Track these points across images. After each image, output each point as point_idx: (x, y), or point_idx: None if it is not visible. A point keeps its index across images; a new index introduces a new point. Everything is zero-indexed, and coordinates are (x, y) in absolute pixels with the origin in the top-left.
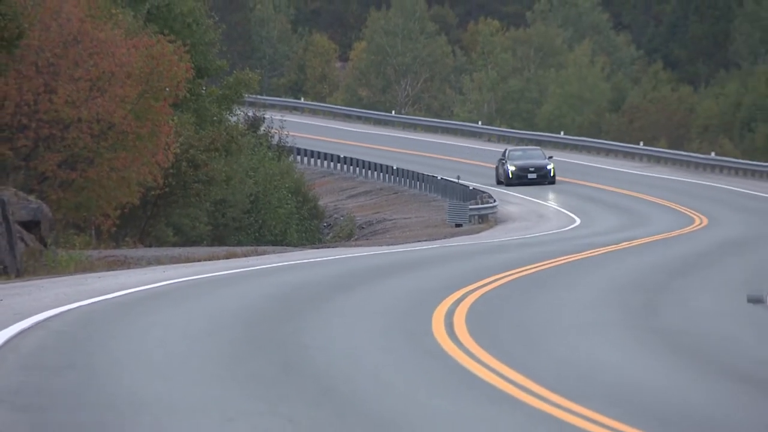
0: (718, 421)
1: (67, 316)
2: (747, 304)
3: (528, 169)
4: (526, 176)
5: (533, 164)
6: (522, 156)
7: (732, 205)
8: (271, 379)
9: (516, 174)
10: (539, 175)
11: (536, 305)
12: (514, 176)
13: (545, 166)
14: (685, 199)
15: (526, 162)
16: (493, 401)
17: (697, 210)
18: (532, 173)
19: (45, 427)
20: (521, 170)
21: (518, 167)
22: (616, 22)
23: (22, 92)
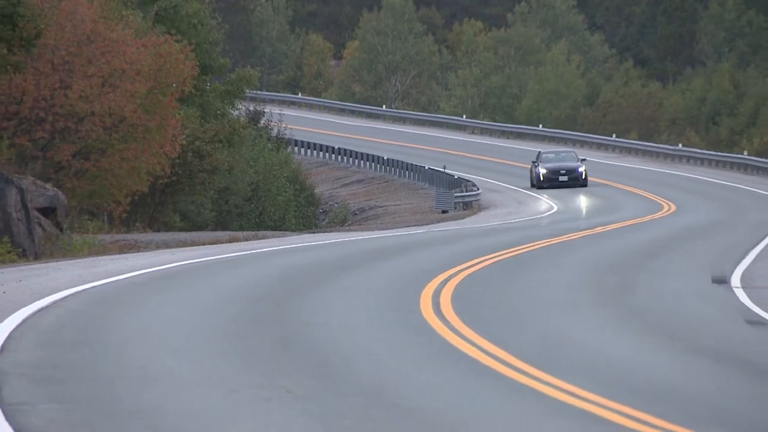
0: (681, 390)
1: (81, 296)
2: (711, 285)
3: (559, 172)
4: (557, 179)
5: (564, 167)
6: (554, 158)
7: (698, 193)
8: (271, 353)
9: (547, 177)
10: (570, 178)
11: (517, 286)
12: (545, 179)
13: (576, 168)
14: (655, 187)
15: (558, 165)
16: (476, 374)
17: (666, 197)
18: (563, 176)
19: (62, 398)
20: (552, 173)
21: (549, 170)
22: (590, 23)
23: (40, 88)
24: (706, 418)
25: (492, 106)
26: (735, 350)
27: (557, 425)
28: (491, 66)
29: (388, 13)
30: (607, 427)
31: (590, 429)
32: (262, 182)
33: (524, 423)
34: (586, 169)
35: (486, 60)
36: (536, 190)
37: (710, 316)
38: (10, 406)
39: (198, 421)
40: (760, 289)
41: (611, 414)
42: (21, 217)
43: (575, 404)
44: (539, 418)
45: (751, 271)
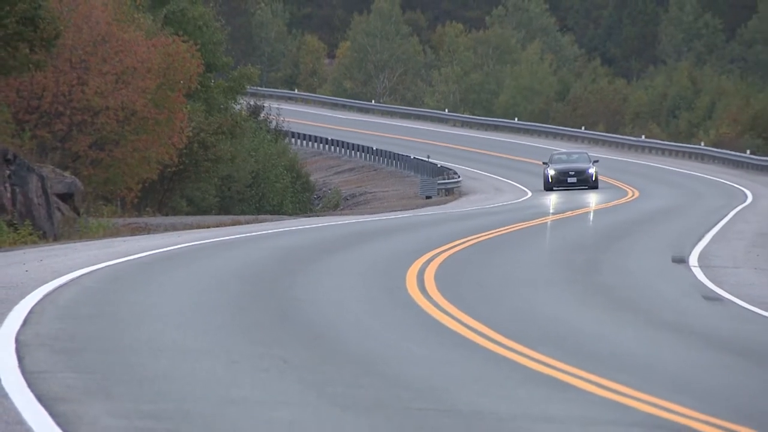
0: (642, 360)
1: (96, 274)
2: (671, 264)
3: (568, 173)
4: (566, 180)
5: (574, 168)
6: (565, 160)
7: (659, 181)
8: (268, 327)
9: (555, 178)
10: (579, 180)
11: (494, 265)
12: (554, 180)
13: (586, 170)
14: (620, 175)
15: (567, 166)
16: (456, 345)
17: (630, 184)
18: (572, 177)
19: (79, 367)
20: (561, 174)
21: (558, 171)
22: (561, 25)
23: (59, 84)
24: (664, 385)
25: (472, 101)
26: (692, 323)
27: (528, 390)
28: (471, 64)
29: (376, 15)
30: (573, 392)
31: (558, 394)
32: (261, 170)
33: (499, 388)
34: (597, 170)
35: (466, 59)
36: (547, 190)
37: (670, 293)
38: (32, 374)
39: (202, 388)
40: (716, 268)
41: (577, 381)
42: (42, 202)
43: (545, 372)
44: (512, 384)
45: (707, 251)
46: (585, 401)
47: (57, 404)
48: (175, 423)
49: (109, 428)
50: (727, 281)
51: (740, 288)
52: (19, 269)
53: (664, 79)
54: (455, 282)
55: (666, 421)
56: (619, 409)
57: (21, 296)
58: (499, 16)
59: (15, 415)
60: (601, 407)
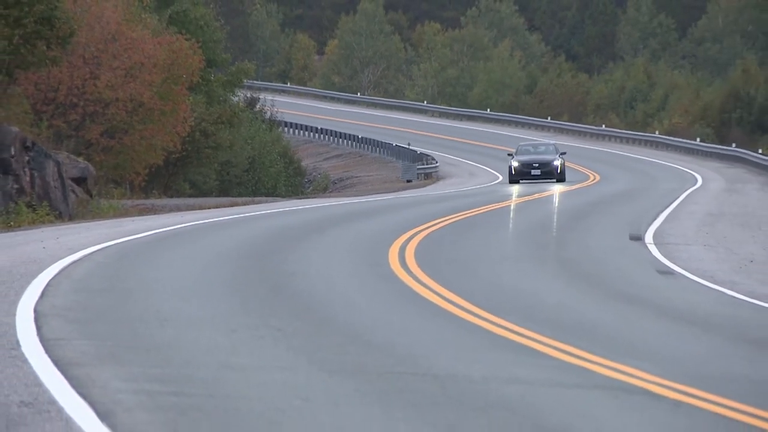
0: (602, 328)
1: (108, 251)
2: (629, 241)
3: (532, 165)
4: (530, 172)
5: (538, 160)
6: (530, 151)
7: (618, 166)
8: (264, 299)
9: (519, 170)
10: (544, 172)
11: (469, 242)
12: (516, 173)
13: (551, 162)
14: (583, 161)
15: (531, 158)
16: (434, 315)
17: (592, 169)
18: (535, 169)
19: (91, 336)
20: (524, 166)
21: (521, 163)
22: (529, 25)
23: (73, 78)
24: (621, 350)
25: (448, 94)
26: (647, 295)
27: (498, 356)
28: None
29: (362, 16)
30: (539, 357)
31: (525, 359)
32: (257, 157)
33: (472, 354)
34: (563, 163)
35: (443, 55)
36: (511, 182)
37: (628, 267)
38: (49, 341)
39: (204, 354)
40: (669, 245)
41: (543, 347)
42: (57, 185)
43: (514, 339)
44: (484, 350)
45: (661, 230)
46: (550, 365)
47: (71, 368)
48: (179, 386)
49: (119, 391)
50: (679, 257)
51: (691, 263)
52: (37, 246)
53: (622, 74)
54: (433, 258)
55: (624, 383)
56: (581, 372)
57: (39, 271)
58: (472, 17)
59: (34, 378)
60: (565, 371)
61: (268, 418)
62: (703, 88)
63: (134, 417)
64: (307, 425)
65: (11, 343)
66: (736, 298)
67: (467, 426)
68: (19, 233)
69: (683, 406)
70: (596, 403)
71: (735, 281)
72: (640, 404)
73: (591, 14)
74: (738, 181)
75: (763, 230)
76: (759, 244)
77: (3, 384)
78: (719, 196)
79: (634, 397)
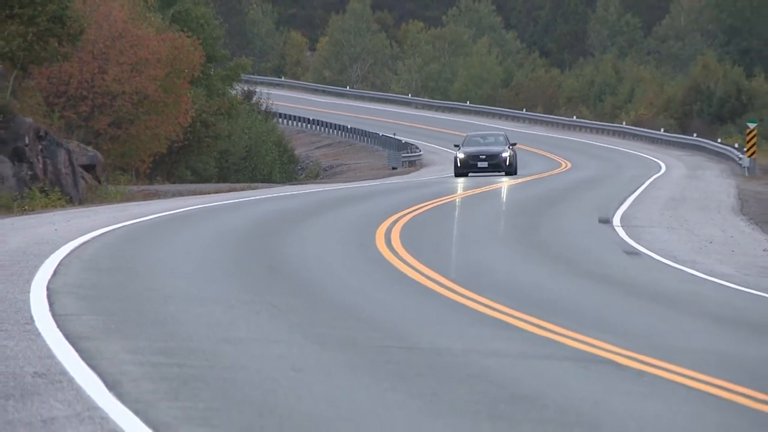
0: (573, 305)
1: (115, 233)
2: (598, 224)
3: (478, 157)
4: (476, 165)
5: (485, 151)
6: (478, 142)
7: (588, 154)
8: (260, 277)
9: (464, 162)
10: (491, 164)
11: (449, 225)
12: (462, 164)
13: (499, 153)
14: (555, 149)
15: (479, 149)
16: (418, 293)
17: (564, 157)
18: (482, 161)
19: (99, 311)
20: (470, 158)
21: (467, 154)
22: (506, 23)
23: (83, 73)
24: (591, 325)
25: (431, 88)
26: (615, 274)
27: (479, 330)
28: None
29: (351, 15)
30: (515, 332)
31: (502, 333)
32: (254, 145)
33: (454, 329)
34: (513, 155)
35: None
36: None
37: (597, 248)
38: (60, 316)
39: (205, 329)
40: (635, 228)
41: (519, 322)
42: (68, 172)
43: (492, 314)
44: (464, 325)
45: (628, 213)
46: (525, 339)
47: (81, 342)
48: (182, 358)
49: (126, 362)
50: (644, 238)
51: (655, 244)
52: (50, 228)
53: (591, 69)
54: (417, 240)
55: (592, 355)
56: (553, 345)
57: (51, 251)
58: (453, 16)
59: (46, 351)
60: (538, 344)
61: (264, 387)
62: (666, 83)
63: (140, 387)
64: (301, 394)
65: (25, 318)
66: (696, 276)
67: (449, 395)
68: (33, 216)
69: (646, 376)
70: (566, 372)
71: (695, 261)
72: (606, 374)
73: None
74: (698, 168)
75: (721, 213)
76: (717, 226)
77: (18, 356)
78: (681, 182)
79: (601, 367)
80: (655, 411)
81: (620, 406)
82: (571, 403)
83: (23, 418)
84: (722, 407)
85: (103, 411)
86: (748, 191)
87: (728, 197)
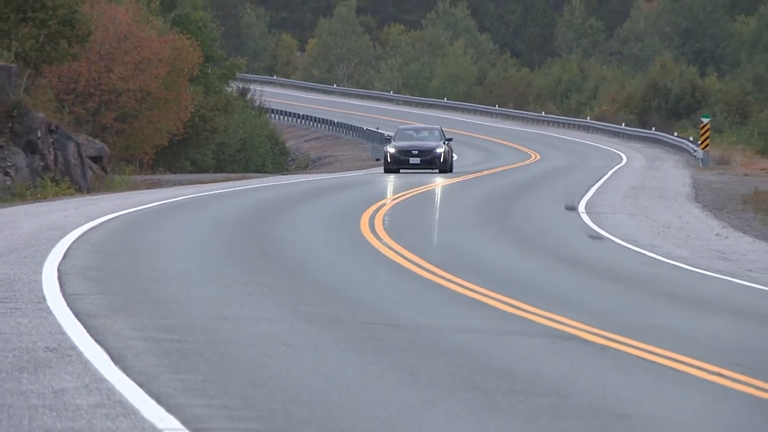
0: (543, 285)
1: (120, 219)
2: (564, 211)
3: (410, 152)
4: (408, 160)
5: (418, 146)
6: (411, 136)
7: (555, 147)
8: (253, 260)
9: (395, 158)
10: (424, 161)
11: (428, 212)
12: (392, 160)
13: (433, 149)
14: (525, 142)
15: (410, 143)
16: (398, 274)
17: (533, 149)
18: (414, 157)
19: (106, 291)
20: (401, 153)
21: (398, 149)
22: (480, 27)
23: (90, 71)
24: (560, 304)
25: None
26: (581, 257)
27: (455, 309)
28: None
29: (337, 19)
30: (489, 310)
31: (477, 311)
32: (248, 139)
33: (433, 308)
34: (449, 151)
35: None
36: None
37: (564, 233)
38: (70, 296)
39: (203, 307)
40: (598, 214)
41: (493, 301)
42: (77, 163)
43: (468, 294)
44: (443, 304)
45: (592, 201)
46: (498, 317)
47: (89, 319)
48: (182, 334)
49: (130, 338)
50: (607, 224)
51: (617, 229)
52: (60, 215)
53: (558, 69)
54: (398, 225)
55: (560, 331)
56: (524, 322)
57: (61, 236)
58: (432, 19)
59: (57, 327)
60: (511, 321)
61: (257, 361)
62: (627, 81)
63: (143, 360)
64: (291, 367)
65: (38, 297)
66: (655, 259)
67: (428, 368)
68: (45, 204)
69: (609, 350)
70: (536, 347)
71: (654, 245)
72: (572, 348)
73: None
74: (657, 160)
75: (677, 201)
76: (674, 213)
77: (31, 332)
78: (641, 173)
79: (568, 343)
80: (617, 382)
81: (586, 378)
82: (541, 376)
83: (36, 389)
84: (678, 378)
85: (110, 383)
86: (702, 181)
87: (684, 186)
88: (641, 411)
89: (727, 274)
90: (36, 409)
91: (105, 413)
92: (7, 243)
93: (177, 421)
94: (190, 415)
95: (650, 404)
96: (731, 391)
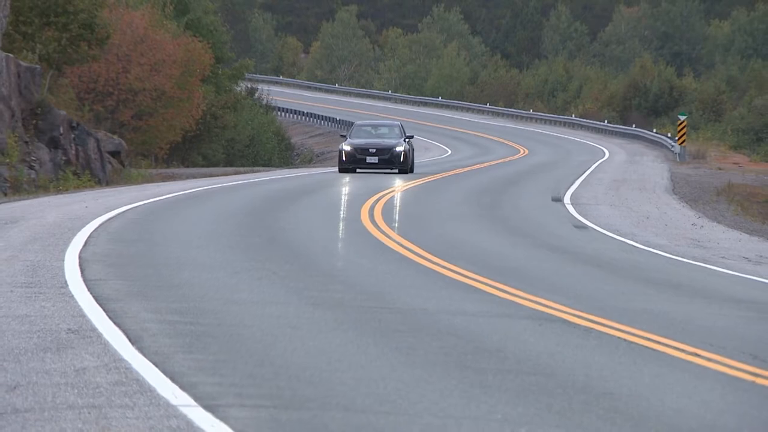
0: (530, 271)
1: (137, 209)
2: (551, 202)
3: (368, 151)
4: (365, 159)
5: (376, 144)
6: (369, 132)
7: (542, 142)
8: (261, 248)
9: (351, 156)
10: (382, 160)
11: (424, 203)
12: (348, 159)
13: (392, 147)
14: (514, 138)
15: (368, 141)
16: (396, 260)
17: (522, 145)
18: (372, 156)
19: (124, 277)
20: (358, 151)
21: (354, 147)
22: (472, 30)
23: (109, 72)
24: (546, 288)
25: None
26: (566, 245)
27: (449, 293)
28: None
29: (339, 23)
30: (481, 294)
31: (470, 295)
32: (256, 135)
33: (428, 291)
34: (410, 149)
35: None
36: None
37: (550, 223)
38: (90, 281)
39: (214, 291)
40: (583, 205)
41: (484, 286)
42: (97, 157)
43: (461, 279)
44: (437, 288)
45: (576, 193)
46: (489, 300)
47: (108, 303)
48: (194, 317)
49: (147, 320)
50: (590, 214)
51: (599, 219)
52: (81, 206)
53: (545, 69)
54: (396, 215)
55: (547, 314)
56: (513, 306)
57: (82, 225)
58: (427, 23)
59: (78, 310)
60: (501, 305)
61: (264, 342)
62: (609, 81)
63: (158, 341)
64: (296, 348)
65: (60, 282)
66: (635, 247)
67: (423, 348)
68: (66, 196)
69: (593, 332)
70: (524, 329)
71: (634, 233)
72: (558, 330)
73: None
74: (637, 155)
75: (656, 193)
76: (653, 204)
77: (54, 315)
78: (622, 167)
79: (554, 325)
80: (600, 361)
81: (571, 358)
82: (529, 355)
83: (59, 368)
84: (656, 357)
85: (127, 362)
86: (679, 174)
87: (662, 179)
88: (622, 388)
89: (702, 261)
90: (59, 387)
91: (123, 390)
92: (32, 232)
93: (190, 398)
94: (202, 392)
95: (631, 382)
96: (706, 370)
